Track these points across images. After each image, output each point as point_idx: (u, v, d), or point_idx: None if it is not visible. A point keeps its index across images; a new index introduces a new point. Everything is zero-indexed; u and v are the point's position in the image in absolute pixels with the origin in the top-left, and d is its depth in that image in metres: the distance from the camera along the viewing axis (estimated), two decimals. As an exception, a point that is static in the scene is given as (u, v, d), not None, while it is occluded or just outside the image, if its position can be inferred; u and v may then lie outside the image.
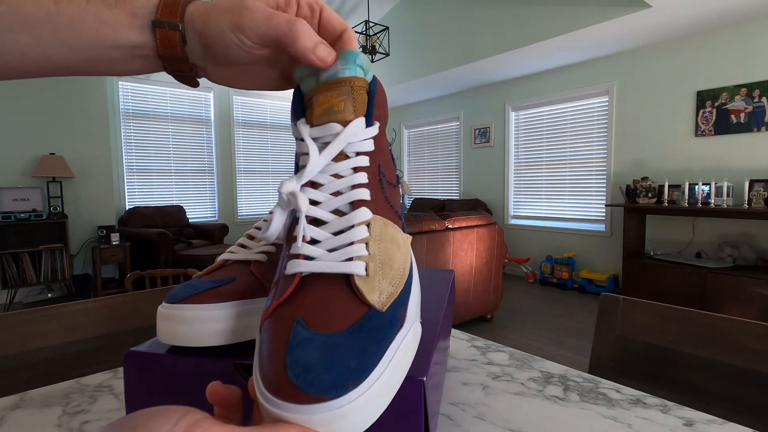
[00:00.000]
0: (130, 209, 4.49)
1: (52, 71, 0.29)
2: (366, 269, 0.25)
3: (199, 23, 0.27)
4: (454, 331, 0.68)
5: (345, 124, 0.27)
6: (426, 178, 6.07)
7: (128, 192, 4.80)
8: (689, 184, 3.25)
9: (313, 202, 0.27)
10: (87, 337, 0.70)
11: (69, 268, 3.91)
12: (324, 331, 0.22)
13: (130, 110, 4.76)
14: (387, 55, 4.05)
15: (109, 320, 0.72)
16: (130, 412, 0.34)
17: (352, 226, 0.26)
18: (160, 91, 4.94)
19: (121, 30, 0.27)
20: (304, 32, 0.27)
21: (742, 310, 2.80)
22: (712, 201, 3.10)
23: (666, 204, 3.34)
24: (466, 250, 2.78)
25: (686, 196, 3.25)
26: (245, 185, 5.71)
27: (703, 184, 3.18)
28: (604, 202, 4.06)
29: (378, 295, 0.24)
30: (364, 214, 0.27)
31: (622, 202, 3.74)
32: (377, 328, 0.23)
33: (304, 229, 0.25)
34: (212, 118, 5.37)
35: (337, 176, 0.28)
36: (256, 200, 5.81)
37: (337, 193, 0.27)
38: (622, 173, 3.90)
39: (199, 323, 0.31)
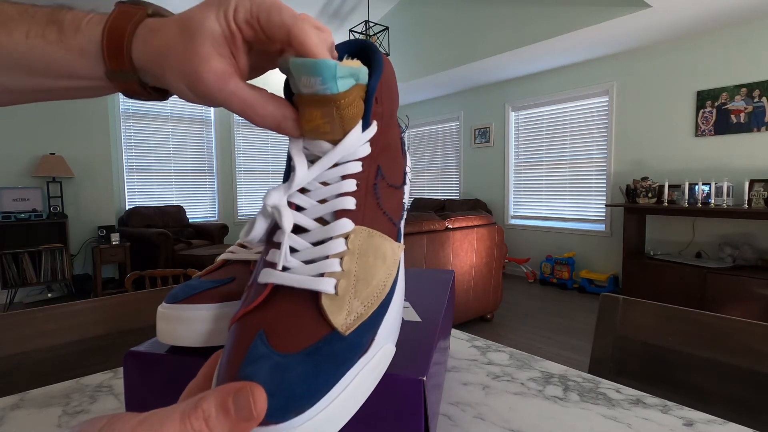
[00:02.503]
0: (130, 209, 4.49)
1: (15, 100, 0.28)
2: (335, 287, 0.23)
3: (155, 72, 0.25)
4: (454, 331, 0.68)
5: (335, 143, 0.26)
6: (426, 178, 6.07)
7: (128, 192, 4.80)
8: (689, 184, 3.25)
9: (298, 208, 0.26)
10: (87, 337, 0.70)
11: (69, 268, 3.91)
12: (281, 350, 0.21)
13: (130, 110, 4.76)
14: (387, 55, 4.05)
15: (109, 320, 0.72)
16: (130, 411, 0.34)
17: (330, 239, 0.25)
18: (160, 91, 4.94)
19: (75, 68, 0.26)
20: (255, 117, 0.25)
21: (742, 310, 2.80)
22: (712, 201, 3.10)
23: (666, 204, 3.34)
24: (466, 250, 2.78)
25: (686, 196, 3.25)
26: (245, 185, 5.71)
27: (703, 184, 3.18)
28: (604, 202, 4.06)
29: (345, 317, 0.23)
30: (344, 225, 0.25)
31: (622, 202, 3.74)
32: (335, 353, 0.22)
33: (286, 254, 0.24)
34: (212, 118, 5.37)
35: (324, 183, 0.26)
36: (256, 200, 5.81)
37: (323, 201, 0.26)
38: (622, 173, 3.90)
39: (199, 323, 0.31)
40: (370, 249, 0.26)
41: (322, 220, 0.26)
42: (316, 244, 0.25)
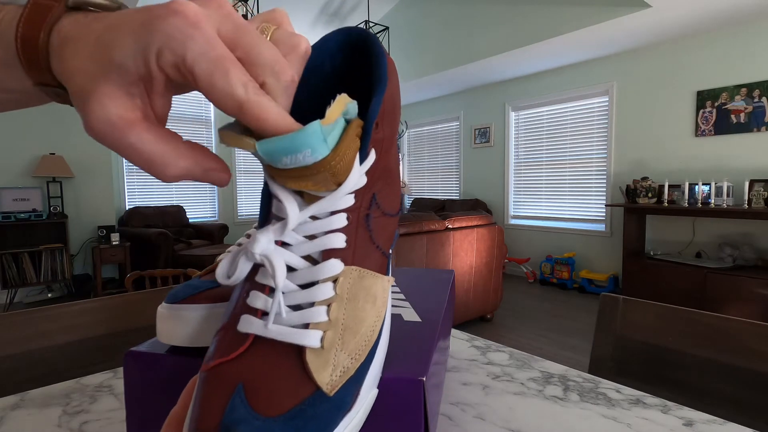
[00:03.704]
0: (130, 209, 4.49)
1: None
2: (322, 340, 0.21)
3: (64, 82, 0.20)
4: (454, 331, 0.68)
5: (332, 190, 0.22)
6: (426, 178, 6.07)
7: (128, 192, 4.80)
8: (689, 184, 3.26)
9: (284, 244, 0.23)
10: (87, 337, 0.70)
11: (69, 268, 3.91)
12: (262, 412, 0.19)
13: (130, 110, 4.76)
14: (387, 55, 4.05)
15: (109, 320, 0.72)
16: (130, 412, 0.34)
17: (317, 282, 0.23)
18: (160, 91, 4.94)
19: (3, 80, 0.21)
20: (162, 176, 0.20)
21: (742, 310, 2.80)
22: (712, 201, 3.10)
23: (666, 204, 3.34)
24: (466, 250, 2.78)
25: (686, 196, 3.25)
26: (245, 185, 5.71)
27: (703, 184, 3.18)
28: (604, 202, 4.06)
29: (330, 373, 0.21)
30: (333, 267, 0.23)
31: (622, 202, 3.74)
32: (318, 416, 0.20)
33: (280, 303, 0.21)
34: (212, 118, 5.37)
35: (313, 218, 0.23)
36: (256, 200, 5.81)
37: (311, 237, 0.23)
38: (622, 173, 3.90)
39: (200, 323, 0.31)
40: (360, 292, 0.24)
41: (310, 258, 0.23)
42: (303, 286, 0.23)
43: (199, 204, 5.35)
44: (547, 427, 0.41)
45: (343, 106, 0.20)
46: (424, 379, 0.28)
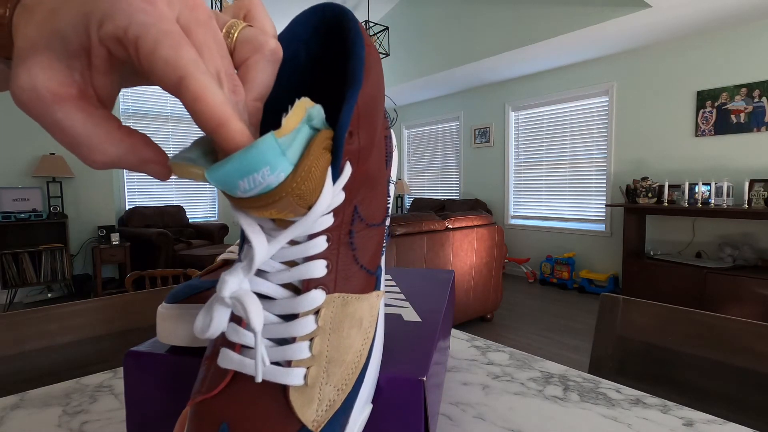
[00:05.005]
0: (130, 209, 4.49)
1: None
2: (305, 377, 0.20)
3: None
4: (454, 331, 0.68)
5: (302, 215, 0.20)
6: (426, 178, 6.07)
7: (128, 192, 4.80)
8: (689, 184, 3.26)
9: (260, 271, 0.21)
10: (87, 337, 0.70)
11: (69, 268, 3.91)
12: None
13: (130, 110, 4.76)
14: (387, 55, 4.05)
15: (109, 320, 0.72)
16: (130, 412, 0.34)
17: (297, 315, 0.21)
18: (160, 91, 4.94)
19: None
20: (88, 161, 0.18)
21: (742, 310, 2.80)
22: (712, 201, 3.10)
23: (666, 204, 3.34)
24: (466, 250, 2.78)
25: (686, 196, 3.25)
26: (245, 185, 5.72)
27: (703, 184, 3.18)
28: (604, 202, 4.06)
29: (315, 409, 0.20)
30: (314, 299, 0.21)
31: (622, 202, 3.74)
32: None
33: (263, 357, 0.19)
34: (212, 118, 5.37)
35: (293, 242, 0.21)
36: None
37: (290, 263, 0.21)
38: (622, 173, 3.90)
39: (199, 323, 0.31)
40: (345, 319, 0.22)
41: (290, 287, 0.22)
42: (284, 317, 0.21)
43: (199, 204, 5.35)
44: (547, 427, 0.41)
45: (302, 112, 0.18)
46: (425, 379, 0.28)
